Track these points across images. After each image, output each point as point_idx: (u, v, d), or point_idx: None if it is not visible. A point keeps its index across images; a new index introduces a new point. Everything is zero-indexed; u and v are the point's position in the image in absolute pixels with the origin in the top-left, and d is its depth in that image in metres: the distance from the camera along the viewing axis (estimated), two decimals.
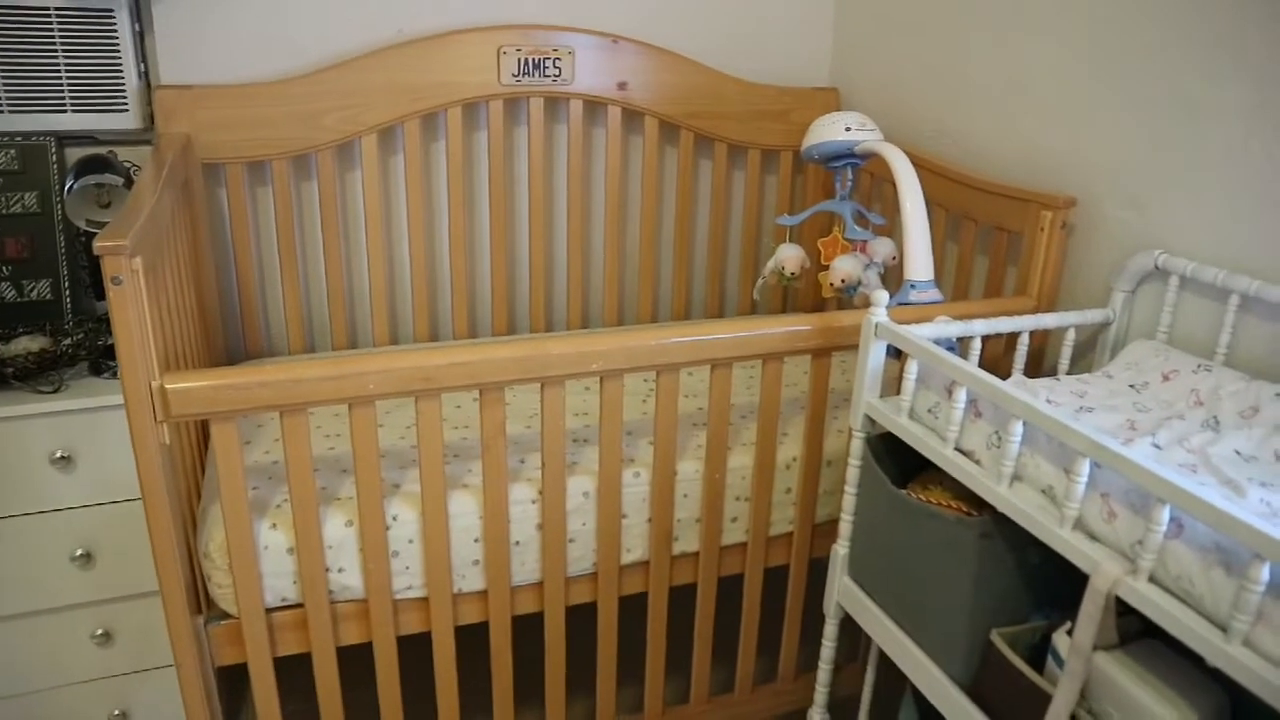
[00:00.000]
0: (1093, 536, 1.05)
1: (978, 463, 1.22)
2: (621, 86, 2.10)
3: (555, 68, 2.04)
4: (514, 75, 2.01)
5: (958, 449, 1.25)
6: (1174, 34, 1.46)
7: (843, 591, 1.52)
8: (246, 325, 2.01)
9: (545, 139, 2.11)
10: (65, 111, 1.81)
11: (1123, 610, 1.00)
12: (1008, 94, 1.80)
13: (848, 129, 1.73)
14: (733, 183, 2.34)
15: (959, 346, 1.49)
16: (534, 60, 2.02)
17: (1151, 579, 0.96)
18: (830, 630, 1.59)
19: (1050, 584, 1.25)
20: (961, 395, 1.22)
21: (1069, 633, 1.06)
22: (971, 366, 1.20)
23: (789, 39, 2.31)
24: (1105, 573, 0.98)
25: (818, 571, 1.70)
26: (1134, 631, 1.04)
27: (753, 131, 2.24)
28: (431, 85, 1.97)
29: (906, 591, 1.34)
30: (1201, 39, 1.41)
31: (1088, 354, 1.63)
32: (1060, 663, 1.07)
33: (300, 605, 1.41)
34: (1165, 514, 0.93)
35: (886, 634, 1.39)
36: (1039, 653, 1.19)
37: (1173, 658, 1.02)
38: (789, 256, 1.85)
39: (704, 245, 2.36)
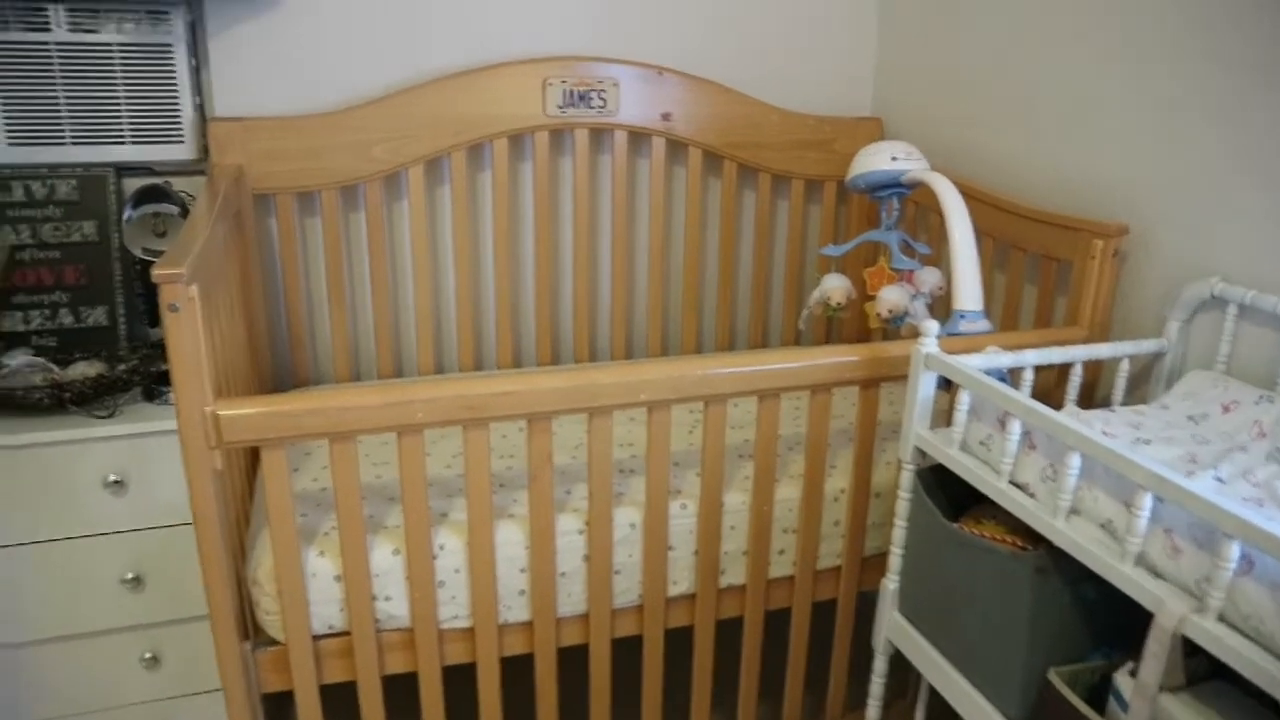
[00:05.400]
0: (1156, 573, 1.02)
1: (1032, 496, 1.20)
2: (665, 117, 2.11)
3: (600, 99, 2.06)
4: (559, 106, 2.03)
5: (1012, 482, 1.23)
6: (1226, 53, 1.44)
7: (892, 626, 1.49)
8: (294, 353, 2.03)
9: (590, 170, 2.12)
10: (124, 143, 1.85)
11: (1190, 650, 0.97)
12: (1056, 119, 1.78)
13: (894, 158, 1.72)
14: (776, 213, 2.34)
15: (1010, 377, 1.46)
16: (579, 92, 2.04)
17: (1220, 618, 0.93)
18: (879, 666, 1.56)
19: (1109, 621, 1.22)
20: (1016, 427, 1.20)
21: (1132, 673, 1.03)
22: (1026, 398, 1.18)
23: (832, 69, 2.31)
24: (1171, 611, 0.96)
25: (866, 605, 1.68)
26: (1202, 672, 1.01)
27: (796, 161, 2.24)
28: (477, 117, 1.99)
29: (959, 627, 1.32)
30: (1254, 57, 1.39)
31: (1142, 385, 1.60)
32: (1123, 704, 1.04)
33: (346, 633, 1.41)
34: (1235, 550, 0.90)
35: (938, 671, 1.36)
36: (1098, 693, 1.16)
37: (1244, 700, 0.99)
38: (835, 287, 1.84)
39: (748, 275, 2.35)
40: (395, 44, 1.98)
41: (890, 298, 1.71)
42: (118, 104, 1.83)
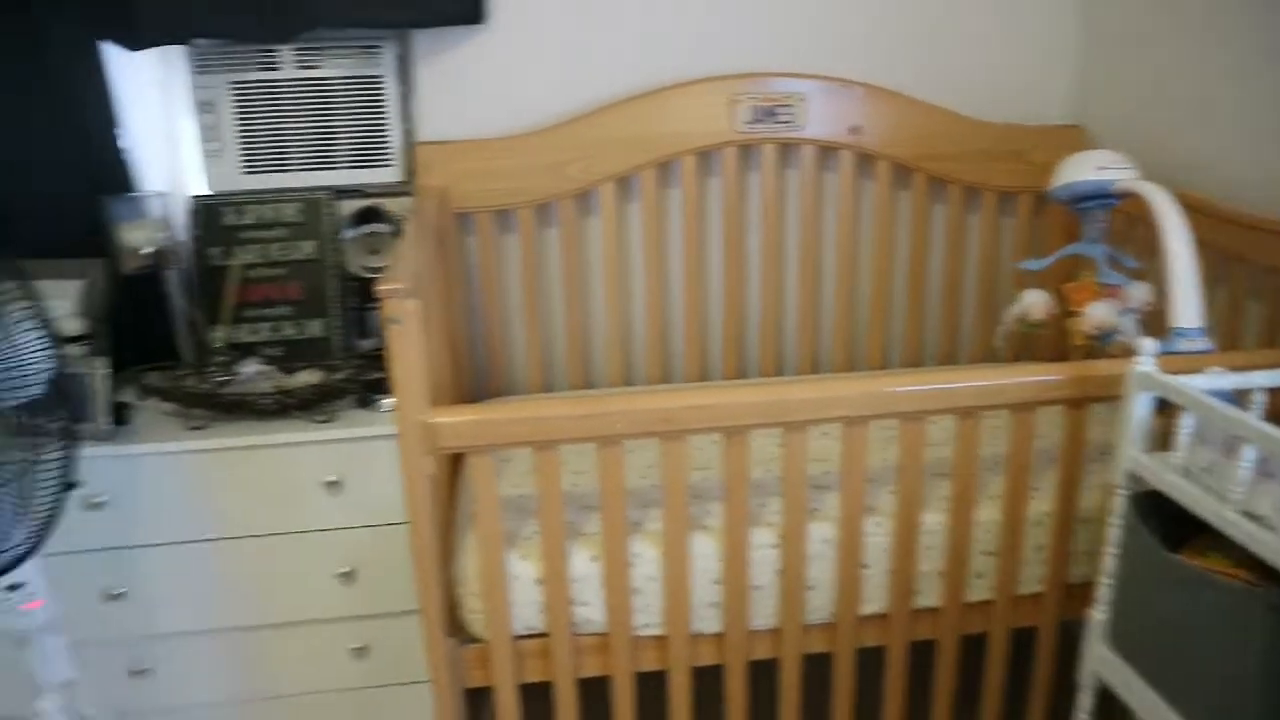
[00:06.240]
0: None
1: (1271, 529, 1.11)
2: (853, 131, 2.09)
3: (787, 114, 2.06)
4: (746, 123, 2.05)
5: (1244, 512, 1.15)
6: None
7: (1099, 660, 1.41)
8: (490, 363, 2.13)
9: (777, 185, 2.12)
10: (339, 168, 2.00)
11: None
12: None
13: (1100, 168, 1.65)
14: (968, 226, 2.26)
15: (1236, 400, 1.37)
16: (766, 108, 2.05)
17: None
18: (1084, 701, 1.48)
19: None
20: (1249, 454, 1.12)
21: None
22: (1260, 422, 1.10)
23: (1029, 76, 2.22)
24: None
25: (1068, 635, 1.60)
26: None
27: (989, 173, 2.17)
28: (666, 135, 2.03)
29: (1178, 666, 1.24)
30: None
31: None
32: None
33: (545, 634, 1.46)
34: None
35: (1153, 711, 1.28)
36: None
37: None
38: (1035, 303, 1.77)
39: (937, 290, 2.29)
40: (587, 67, 2.05)
41: (1098, 314, 1.63)
42: (335, 132, 1.98)
